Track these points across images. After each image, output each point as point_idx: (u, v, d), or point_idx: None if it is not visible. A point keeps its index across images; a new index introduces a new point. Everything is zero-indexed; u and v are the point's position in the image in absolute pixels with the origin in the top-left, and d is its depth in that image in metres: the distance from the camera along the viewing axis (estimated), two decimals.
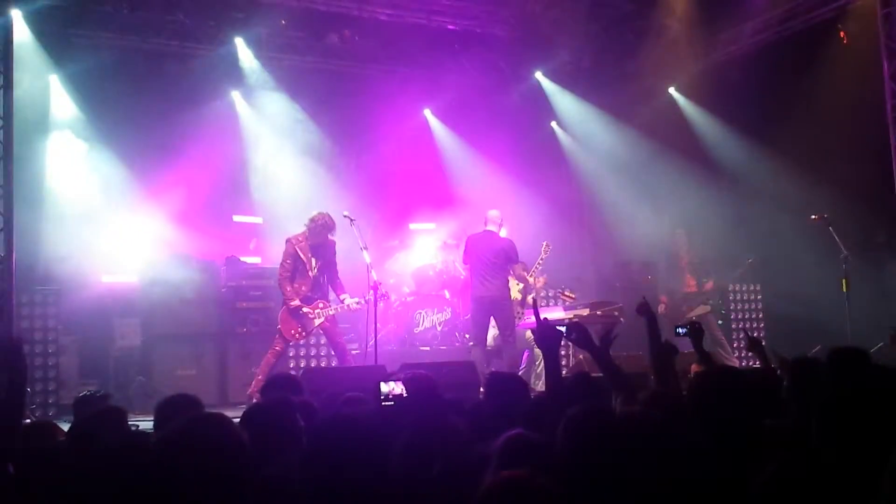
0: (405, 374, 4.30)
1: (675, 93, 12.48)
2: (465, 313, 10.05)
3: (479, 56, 11.80)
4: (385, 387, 4.00)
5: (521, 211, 11.04)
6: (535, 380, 9.09)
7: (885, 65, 8.94)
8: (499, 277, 8.79)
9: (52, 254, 9.30)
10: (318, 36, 11.25)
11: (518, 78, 12.56)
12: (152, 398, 7.94)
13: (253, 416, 3.32)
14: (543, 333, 3.93)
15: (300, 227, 8.40)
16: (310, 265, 8.29)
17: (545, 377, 4.20)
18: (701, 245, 11.02)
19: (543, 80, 12.70)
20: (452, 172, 12.62)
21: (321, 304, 8.33)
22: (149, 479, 2.31)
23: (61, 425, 4.20)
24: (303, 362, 9.76)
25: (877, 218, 10.07)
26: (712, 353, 7.02)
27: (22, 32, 9.11)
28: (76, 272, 9.18)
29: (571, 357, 9.95)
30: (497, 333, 9.07)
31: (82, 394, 5.19)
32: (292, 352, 9.56)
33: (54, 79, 10.21)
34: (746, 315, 11.85)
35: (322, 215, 8.33)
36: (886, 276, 10.09)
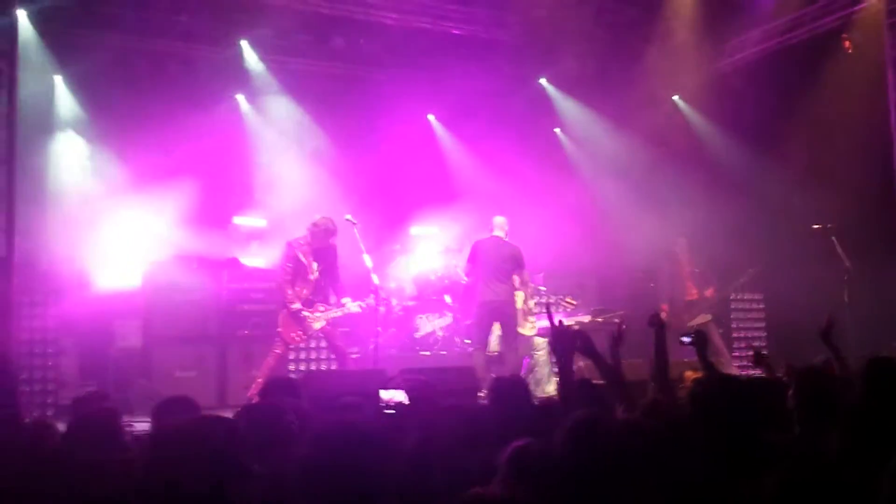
0: (406, 383, 4.29)
1: (679, 100, 12.47)
2: (466, 318, 10.04)
3: (484, 61, 11.78)
4: (386, 394, 3.99)
5: (523, 217, 11.01)
6: (533, 386, 9.06)
7: (889, 74, 8.94)
8: (506, 283, 8.83)
9: (54, 254, 9.29)
10: (322, 39, 11.26)
11: (523, 83, 12.56)
12: (153, 400, 7.92)
13: (244, 417, 3.32)
14: (559, 338, 3.92)
15: (302, 231, 8.40)
16: (311, 269, 8.27)
17: (559, 380, 4.19)
18: (703, 253, 11.00)
19: (548, 85, 12.71)
20: (455, 177, 12.62)
21: (322, 308, 8.32)
22: (137, 484, 2.29)
23: (61, 426, 4.19)
24: (303, 366, 9.74)
25: (880, 227, 10.04)
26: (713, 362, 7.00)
27: (26, 32, 9.13)
28: (77, 273, 9.17)
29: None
30: (500, 339, 9.07)
31: (81, 394, 5.18)
32: (293, 355, 9.54)
33: (58, 79, 10.22)
34: (748, 324, 11.82)
35: (325, 219, 8.32)
36: (888, 285, 10.06)
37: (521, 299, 9.26)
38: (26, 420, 5.28)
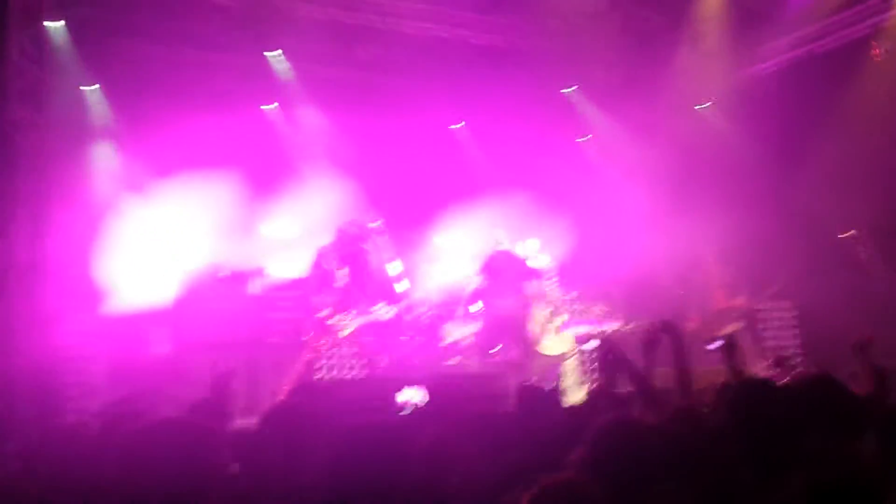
0: (430, 383, 4.30)
1: (706, 108, 12.40)
2: (490, 327, 10.02)
3: (508, 71, 11.78)
4: (405, 395, 4.01)
5: (549, 226, 11.00)
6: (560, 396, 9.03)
7: None
8: (518, 294, 8.85)
9: (86, 260, 9.40)
10: (346, 48, 11.31)
11: (547, 93, 12.53)
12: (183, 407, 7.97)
13: (271, 419, 3.34)
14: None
15: (329, 238, 8.44)
16: (338, 275, 8.30)
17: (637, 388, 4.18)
18: (732, 262, 10.90)
19: (573, 94, 12.68)
20: (480, 187, 12.61)
21: (350, 315, 8.34)
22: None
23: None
24: (331, 373, 9.76)
25: None
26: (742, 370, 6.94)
27: (60, 41, 9.26)
28: (107, 281, 9.27)
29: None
30: (516, 348, 9.08)
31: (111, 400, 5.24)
32: (320, 363, 9.56)
33: (91, 88, 10.36)
34: (779, 332, 11.69)
35: (351, 224, 8.36)
36: None
37: (542, 317, 9.23)
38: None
